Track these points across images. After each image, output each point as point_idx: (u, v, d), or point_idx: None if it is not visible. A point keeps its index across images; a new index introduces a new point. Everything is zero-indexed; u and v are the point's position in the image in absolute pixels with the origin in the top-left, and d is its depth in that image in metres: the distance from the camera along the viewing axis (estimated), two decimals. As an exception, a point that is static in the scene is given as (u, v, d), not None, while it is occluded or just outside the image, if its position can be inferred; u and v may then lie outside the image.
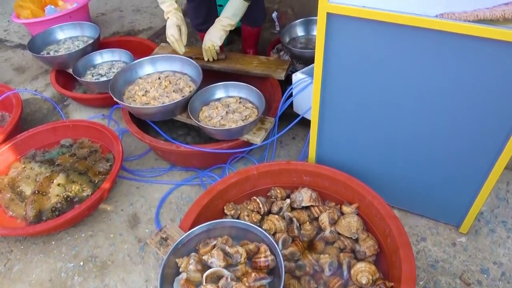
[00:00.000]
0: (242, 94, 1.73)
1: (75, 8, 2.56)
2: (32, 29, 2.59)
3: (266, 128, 1.61)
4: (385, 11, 1.00)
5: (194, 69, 1.80)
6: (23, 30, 2.98)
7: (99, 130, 1.76)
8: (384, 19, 1.01)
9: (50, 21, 2.44)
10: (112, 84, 1.73)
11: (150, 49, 2.28)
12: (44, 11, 2.61)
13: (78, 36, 2.38)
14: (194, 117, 1.62)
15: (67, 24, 2.38)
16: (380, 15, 1.00)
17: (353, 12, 1.03)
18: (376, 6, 1.00)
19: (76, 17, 2.55)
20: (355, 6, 1.02)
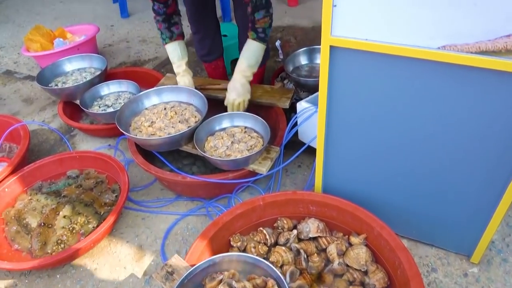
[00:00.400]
0: (247, 123, 1.74)
1: (83, 41, 2.63)
2: (41, 62, 2.64)
3: (271, 158, 1.61)
4: (387, 44, 1.01)
5: (200, 99, 1.82)
6: (32, 62, 3.04)
7: (105, 161, 1.77)
8: (387, 52, 1.02)
9: (58, 53, 2.50)
10: (118, 115, 1.75)
11: (156, 79, 2.32)
12: (53, 43, 2.68)
13: (85, 67, 2.42)
14: (200, 148, 1.63)
15: (75, 56, 2.43)
16: (382, 47, 1.01)
17: (356, 45, 1.05)
18: (379, 39, 1.01)
19: (84, 49, 2.60)
20: (358, 40, 1.04)
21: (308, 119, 1.60)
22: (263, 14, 1.67)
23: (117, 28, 3.43)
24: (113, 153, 2.04)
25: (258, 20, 1.69)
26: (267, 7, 1.69)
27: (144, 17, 3.59)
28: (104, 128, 2.09)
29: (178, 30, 1.85)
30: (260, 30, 1.70)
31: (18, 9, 3.93)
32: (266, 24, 1.70)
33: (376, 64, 1.07)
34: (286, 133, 1.66)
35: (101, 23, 3.48)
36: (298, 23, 3.17)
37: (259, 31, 1.71)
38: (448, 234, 1.37)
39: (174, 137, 1.62)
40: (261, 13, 1.68)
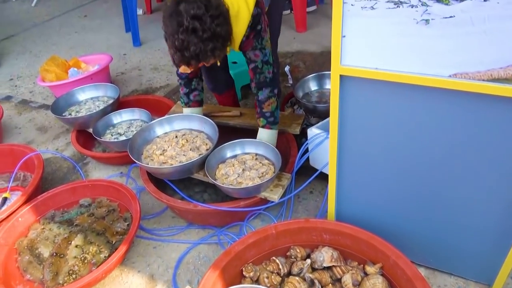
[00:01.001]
0: (258, 150, 1.74)
1: (96, 70, 2.68)
2: (55, 91, 2.70)
3: (283, 185, 1.60)
4: (397, 73, 1.01)
5: (211, 126, 1.83)
6: (47, 91, 3.11)
7: (117, 189, 1.77)
8: (397, 80, 1.02)
9: (72, 83, 2.55)
10: (130, 144, 1.77)
11: (167, 106, 2.34)
12: (67, 73, 2.74)
13: (99, 96, 2.46)
14: (211, 175, 1.62)
15: (89, 86, 2.48)
16: (393, 76, 1.01)
17: (365, 74, 1.05)
18: (388, 68, 1.02)
19: (97, 79, 2.66)
20: (368, 69, 1.04)
21: (320, 145, 1.59)
22: (267, 94, 1.65)
23: (129, 57, 3.50)
24: (125, 181, 2.05)
25: (263, 102, 1.68)
26: (272, 85, 1.65)
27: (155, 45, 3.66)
28: (116, 156, 2.10)
29: (195, 97, 1.88)
30: (268, 114, 1.69)
31: (35, 40, 4.06)
32: (273, 106, 1.68)
33: (386, 92, 1.07)
34: (297, 160, 1.65)
35: (114, 52, 3.56)
36: (307, 49, 3.20)
37: (267, 116, 1.69)
38: (468, 262, 1.33)
39: (185, 165, 1.62)
40: (265, 92, 1.65)
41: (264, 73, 1.64)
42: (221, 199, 1.78)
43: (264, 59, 1.62)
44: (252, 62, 1.63)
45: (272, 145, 1.73)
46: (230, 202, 1.57)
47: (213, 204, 1.57)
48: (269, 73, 1.65)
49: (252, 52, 1.60)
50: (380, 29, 0.97)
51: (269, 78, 1.65)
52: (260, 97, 1.68)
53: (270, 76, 1.66)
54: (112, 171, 2.16)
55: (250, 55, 1.62)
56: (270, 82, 1.66)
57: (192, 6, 1.35)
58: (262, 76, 1.65)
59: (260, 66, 1.63)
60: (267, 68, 1.64)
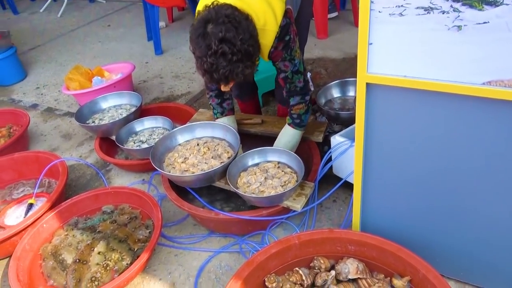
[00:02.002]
0: (281, 158, 1.73)
1: (119, 79, 2.72)
2: (79, 99, 2.75)
3: (306, 194, 1.57)
4: (427, 80, 0.98)
5: (232, 134, 1.83)
6: (71, 99, 3.18)
7: (139, 197, 1.78)
8: (427, 88, 0.99)
9: (96, 91, 2.60)
10: (153, 152, 1.78)
11: (188, 114, 2.35)
12: (91, 82, 2.79)
13: (121, 104, 2.50)
14: (233, 184, 1.62)
15: (112, 94, 2.52)
16: (422, 84, 0.98)
17: (393, 82, 1.02)
18: (418, 76, 0.99)
19: (120, 87, 2.69)
20: (396, 76, 1.01)
21: (343, 153, 1.57)
22: (298, 101, 1.68)
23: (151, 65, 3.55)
24: (147, 188, 2.06)
25: (293, 106, 1.69)
26: (303, 93, 1.66)
27: (177, 53, 3.70)
28: (138, 164, 2.11)
29: (229, 106, 1.89)
30: (295, 116, 1.71)
31: (60, 50, 4.16)
32: (302, 111, 1.69)
33: (415, 101, 1.03)
34: (320, 168, 1.63)
35: (136, 60, 3.61)
36: (329, 55, 3.18)
37: (294, 117, 1.71)
38: (501, 276, 1.27)
39: (207, 173, 1.62)
40: (296, 99, 1.67)
41: (295, 82, 1.64)
42: (243, 207, 1.77)
43: (294, 69, 1.61)
44: (282, 72, 1.63)
45: (292, 146, 1.72)
46: (252, 211, 1.56)
47: (234, 213, 1.57)
48: (299, 83, 1.65)
49: (281, 63, 1.59)
50: (409, 36, 0.95)
51: (299, 87, 1.65)
52: (291, 102, 1.70)
53: (301, 85, 1.65)
54: (134, 178, 2.17)
55: (279, 66, 1.61)
56: (301, 91, 1.66)
57: (220, 28, 1.32)
58: (292, 86, 1.65)
59: (290, 77, 1.62)
60: (297, 77, 1.63)
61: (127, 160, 2.24)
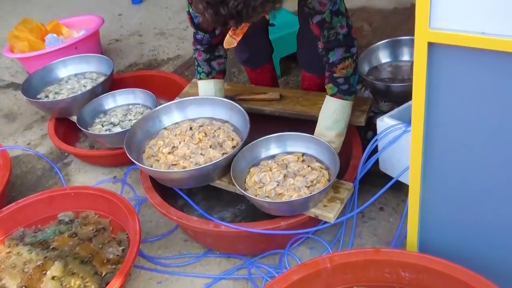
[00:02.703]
0: (307, 149, 1.73)
1: (82, 37, 2.73)
2: (28, 65, 2.77)
3: (341, 199, 1.57)
4: None
5: (239, 114, 1.83)
6: (17, 66, 3.20)
7: (109, 200, 1.79)
8: None
9: (51, 54, 2.61)
10: (128, 138, 1.78)
11: (178, 86, 2.36)
12: (44, 41, 2.80)
13: (85, 72, 2.51)
14: (239, 184, 1.62)
15: (72, 58, 2.52)
16: (508, 44, 0.95)
17: (466, 41, 1.00)
18: (503, 33, 0.96)
19: (83, 48, 2.70)
20: (470, 33, 0.99)
21: (395, 142, 1.56)
22: (341, 55, 1.65)
23: (126, 18, 3.55)
24: (120, 189, 2.07)
25: (335, 65, 1.67)
26: (347, 43, 1.65)
27: (161, 1, 3.70)
28: (108, 155, 2.12)
29: (220, 66, 1.90)
30: (341, 80, 1.68)
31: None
32: (349, 70, 1.67)
33: (498, 69, 1.01)
34: (362, 163, 1.63)
35: (106, 12, 3.61)
36: (374, 4, 3.14)
37: (340, 82, 1.68)
38: None
39: (203, 169, 1.62)
40: (338, 53, 1.65)
41: (335, 28, 1.62)
42: (254, 216, 1.77)
43: (333, 9, 1.59)
44: (316, 14, 1.61)
45: (343, 128, 1.71)
46: (266, 222, 1.57)
47: (241, 224, 1.57)
48: (341, 28, 1.63)
49: (315, 0, 1.58)
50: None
51: (342, 35, 1.63)
52: (332, 59, 1.67)
53: (344, 31, 1.63)
54: (103, 175, 2.18)
55: (313, 4, 1.59)
56: (344, 40, 1.64)
57: None
58: (332, 33, 1.63)
59: (329, 19, 1.60)
60: (339, 21, 1.61)
61: (93, 150, 2.25)
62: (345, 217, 1.60)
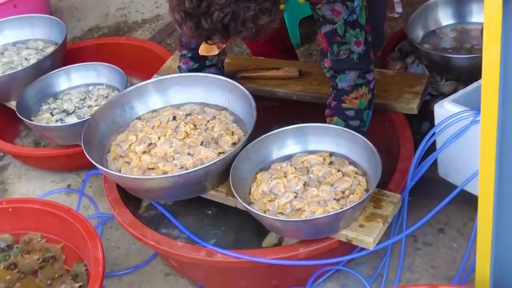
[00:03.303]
0: (336, 146, 1.73)
1: (22, -10, 2.74)
2: None
3: (384, 216, 1.57)
4: None
5: (241, 98, 1.83)
6: None
7: (62, 219, 1.79)
8: None
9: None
10: (88, 131, 1.79)
11: (156, 59, 2.37)
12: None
13: (28, 40, 2.52)
14: (242, 195, 1.62)
15: (9, 20, 2.53)
16: None
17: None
18: None
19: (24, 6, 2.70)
20: None
21: (459, 137, 1.57)
22: (354, 80, 1.70)
23: (85, -36, 3.56)
24: (76, 203, 2.08)
25: (345, 92, 1.71)
26: (362, 67, 1.71)
27: None
28: (60, 155, 2.14)
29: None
30: (351, 113, 1.73)
31: None
32: (363, 102, 1.73)
33: None
34: (413, 166, 1.63)
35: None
36: None
37: (350, 116, 1.74)
38: None
39: (192, 174, 1.63)
40: (350, 77, 1.70)
41: (349, 43, 1.67)
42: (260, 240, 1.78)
43: (350, 19, 1.64)
44: (326, 23, 1.65)
45: None
46: (280, 249, 1.59)
47: (245, 252, 1.57)
48: (357, 45, 1.67)
49: (327, 6, 1.62)
50: None
51: (356, 54, 1.68)
52: (341, 84, 1.71)
53: (360, 50, 1.68)
54: (53, 184, 2.20)
55: (323, 11, 1.64)
56: (360, 61, 1.68)
57: None
58: (344, 50, 1.67)
59: (342, 31, 1.64)
60: (355, 35, 1.66)
61: (39, 148, 2.26)
62: (390, 241, 1.61)
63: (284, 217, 1.56)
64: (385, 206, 1.60)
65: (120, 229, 1.96)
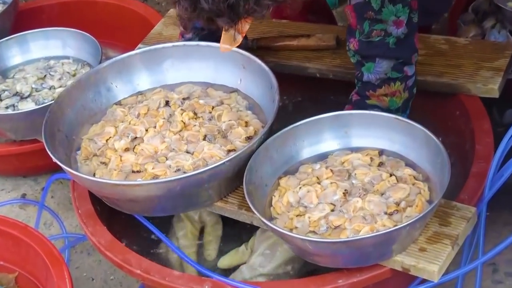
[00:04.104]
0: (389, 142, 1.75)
1: None
2: None
3: (453, 237, 1.57)
4: None
5: (259, 76, 1.85)
6: None
7: (15, 239, 1.82)
8: None
9: None
10: (50, 121, 1.80)
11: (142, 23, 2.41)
12: None
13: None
14: (259, 207, 1.63)
15: None
16: None
17: None
18: None
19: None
20: None
21: None
22: (386, 72, 1.76)
23: None
24: (35, 218, 2.10)
25: (371, 86, 1.75)
26: (401, 56, 1.76)
27: None
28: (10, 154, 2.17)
29: None
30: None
31: None
32: (394, 102, 1.79)
33: None
34: (492, 169, 1.65)
35: None
36: None
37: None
38: None
39: (192, 179, 1.63)
40: (381, 66, 1.75)
41: (385, 22, 1.69)
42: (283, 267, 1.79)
43: None
44: None
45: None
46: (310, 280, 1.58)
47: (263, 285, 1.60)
48: (396, 26, 1.70)
49: None
50: None
51: (394, 37, 1.70)
52: (367, 76, 1.75)
53: (400, 32, 1.70)
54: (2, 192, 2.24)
55: None
56: (398, 47, 1.71)
57: None
58: (377, 30, 1.70)
59: (377, 5, 1.66)
60: (396, 12, 1.68)
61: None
62: (461, 271, 1.62)
63: (318, 238, 1.56)
64: (454, 223, 1.60)
65: (94, 254, 1.98)
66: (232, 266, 1.80)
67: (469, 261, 1.64)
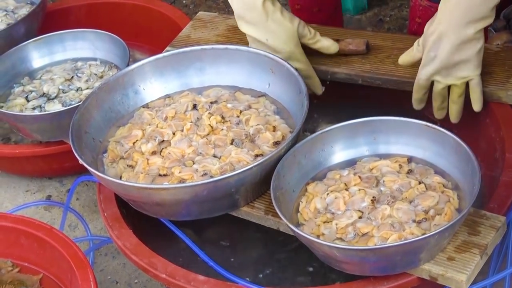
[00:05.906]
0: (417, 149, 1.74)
1: None
2: None
3: (482, 246, 1.57)
4: None
5: (287, 81, 1.85)
6: None
7: (40, 241, 1.83)
8: None
9: None
10: (77, 123, 1.81)
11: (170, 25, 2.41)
12: None
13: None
14: (287, 213, 1.63)
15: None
16: None
17: None
18: None
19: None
20: None
21: None
22: None
23: None
24: (60, 220, 2.11)
25: None
26: None
27: None
28: (37, 155, 2.18)
29: None
30: None
31: None
32: None
33: None
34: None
35: None
36: None
37: None
38: None
39: (219, 184, 1.64)
40: None
41: None
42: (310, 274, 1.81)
43: None
44: None
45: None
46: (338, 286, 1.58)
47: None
48: None
49: None
50: None
51: None
52: None
53: None
54: (27, 193, 2.25)
55: None
56: None
57: None
58: None
59: None
60: None
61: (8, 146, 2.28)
62: (489, 280, 1.61)
63: (345, 245, 1.56)
64: (483, 232, 1.59)
65: (118, 257, 1.99)
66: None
67: (497, 271, 1.63)
